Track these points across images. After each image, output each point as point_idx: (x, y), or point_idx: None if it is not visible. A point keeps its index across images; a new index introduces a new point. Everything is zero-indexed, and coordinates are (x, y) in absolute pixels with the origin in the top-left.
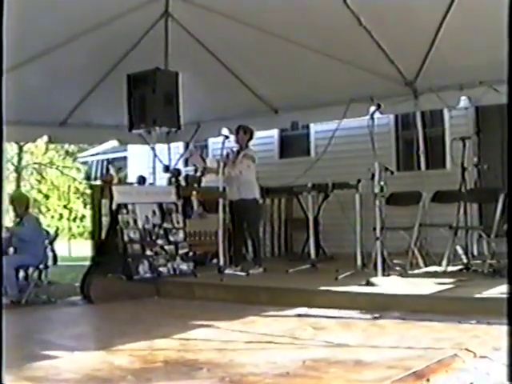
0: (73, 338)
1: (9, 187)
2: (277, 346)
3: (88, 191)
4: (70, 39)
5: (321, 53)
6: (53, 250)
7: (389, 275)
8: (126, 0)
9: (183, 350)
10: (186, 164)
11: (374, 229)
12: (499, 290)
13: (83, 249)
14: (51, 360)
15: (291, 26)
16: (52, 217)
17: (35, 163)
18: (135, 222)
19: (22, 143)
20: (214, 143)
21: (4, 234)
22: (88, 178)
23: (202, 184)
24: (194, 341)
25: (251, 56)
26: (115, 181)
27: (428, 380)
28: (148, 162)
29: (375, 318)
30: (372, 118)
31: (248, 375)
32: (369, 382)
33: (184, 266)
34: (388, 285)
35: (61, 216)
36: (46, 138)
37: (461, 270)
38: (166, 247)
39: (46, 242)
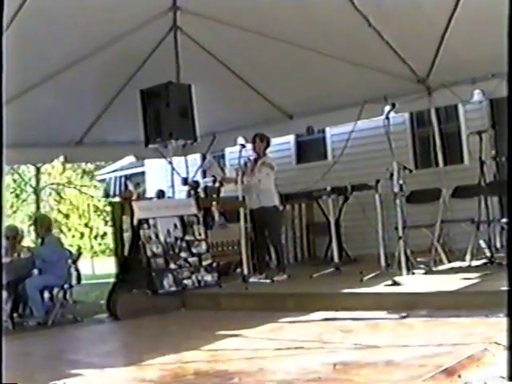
0: (102, 356)
1: (29, 209)
2: (306, 351)
3: (108, 209)
4: (80, 58)
5: (332, 56)
6: (77, 269)
7: (413, 274)
8: (133, 16)
9: (213, 361)
10: (204, 175)
11: (396, 228)
12: None
13: (106, 266)
14: (81, 378)
15: (300, 31)
16: (73, 236)
17: (53, 184)
18: (157, 236)
19: (38, 165)
20: (231, 153)
21: (26, 255)
22: (107, 195)
23: (222, 194)
24: (224, 351)
25: (262, 63)
26: (134, 196)
27: (460, 376)
28: (166, 175)
29: (403, 317)
30: (387, 117)
31: (280, 382)
32: (401, 381)
33: (208, 277)
34: (413, 283)
35: (82, 235)
36: (62, 158)
37: (485, 263)
38: (190, 259)
39: (70, 261)
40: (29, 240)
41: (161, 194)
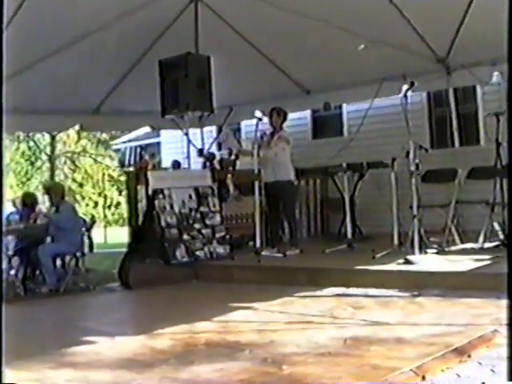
0: (113, 324)
1: (43, 177)
2: (317, 325)
3: (123, 178)
4: (100, 27)
5: (351, 32)
6: (89, 238)
7: (426, 253)
8: None
9: (224, 332)
10: (220, 147)
11: (411, 207)
12: None
13: (119, 235)
14: (92, 346)
15: (321, 6)
16: (87, 205)
17: (68, 152)
18: (171, 206)
19: (54, 133)
20: (247, 126)
21: (43, 221)
22: (122, 165)
23: (237, 167)
24: (234, 323)
25: (282, 37)
26: (150, 166)
27: (469, 356)
28: (181, 146)
29: (414, 295)
30: (405, 96)
31: (290, 355)
32: (410, 359)
33: (221, 250)
34: (426, 263)
35: (96, 204)
36: (78, 126)
37: (497, 246)
38: (203, 231)
39: (83, 229)
40: (43, 208)
41: (176, 165)
